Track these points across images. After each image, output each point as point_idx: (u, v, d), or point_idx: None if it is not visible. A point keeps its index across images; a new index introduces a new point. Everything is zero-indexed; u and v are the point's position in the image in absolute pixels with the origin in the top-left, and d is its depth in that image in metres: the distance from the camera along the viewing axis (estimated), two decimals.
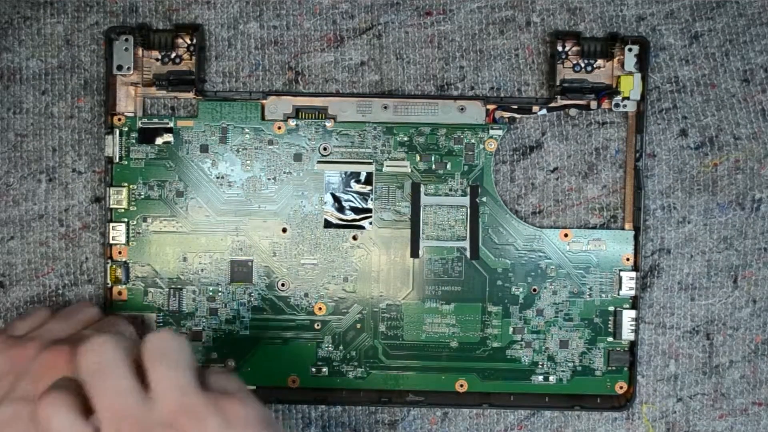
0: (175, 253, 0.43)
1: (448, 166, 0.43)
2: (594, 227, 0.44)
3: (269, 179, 0.43)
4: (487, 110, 0.43)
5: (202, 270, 0.43)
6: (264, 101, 0.43)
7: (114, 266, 0.42)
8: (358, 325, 0.43)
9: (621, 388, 0.43)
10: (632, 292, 0.43)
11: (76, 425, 0.28)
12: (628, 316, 0.42)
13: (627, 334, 0.42)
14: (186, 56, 0.43)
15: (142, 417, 0.28)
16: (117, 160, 0.43)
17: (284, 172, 0.43)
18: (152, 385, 0.29)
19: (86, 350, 0.30)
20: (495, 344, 0.43)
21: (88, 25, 0.43)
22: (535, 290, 0.43)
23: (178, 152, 0.43)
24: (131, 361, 0.30)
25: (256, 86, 0.44)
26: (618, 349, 0.43)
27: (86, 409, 0.29)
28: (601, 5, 0.43)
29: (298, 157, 0.43)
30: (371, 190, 0.43)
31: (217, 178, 0.43)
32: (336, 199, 0.43)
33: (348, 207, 0.43)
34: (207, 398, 0.29)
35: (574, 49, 0.43)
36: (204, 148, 0.43)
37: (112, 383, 0.29)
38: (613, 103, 0.43)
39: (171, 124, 0.43)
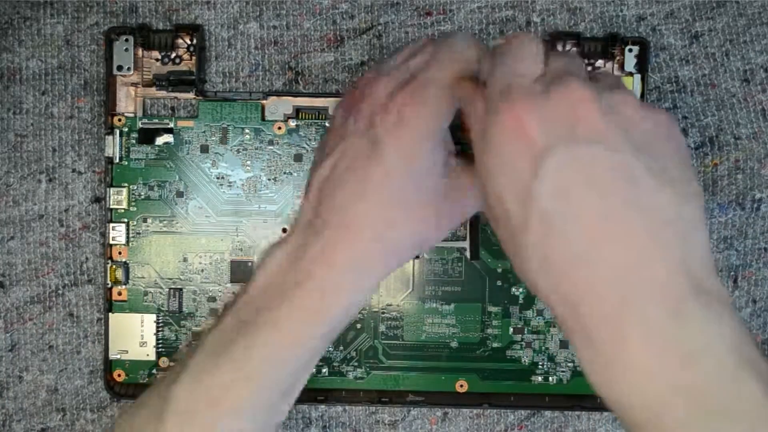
0: (175, 254, 0.43)
1: None
2: None
3: (269, 179, 0.43)
4: None
5: (202, 270, 0.43)
6: (264, 101, 0.43)
7: (114, 266, 0.42)
8: (358, 326, 0.43)
9: None
10: None
11: (534, 55, 0.28)
12: None
13: None
14: (186, 56, 0.43)
15: (564, 74, 0.27)
16: (117, 160, 0.43)
17: (284, 173, 0.43)
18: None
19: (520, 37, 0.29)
20: (495, 344, 0.43)
21: (88, 25, 0.43)
22: None
23: (178, 153, 0.43)
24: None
25: (256, 86, 0.44)
26: None
27: None
28: (601, 5, 0.43)
29: (298, 158, 0.43)
30: None
31: (218, 178, 0.43)
32: None
33: None
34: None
35: (574, 49, 0.42)
36: (204, 149, 0.43)
37: (578, 67, 0.28)
38: None
39: (171, 125, 0.43)
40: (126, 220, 0.43)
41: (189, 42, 0.43)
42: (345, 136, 0.32)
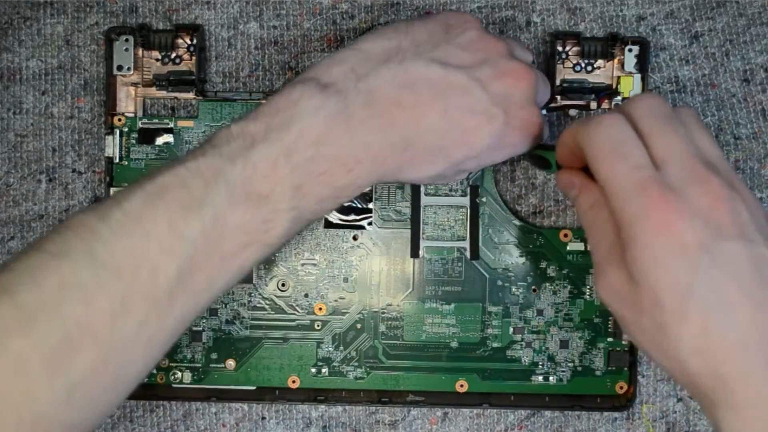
0: None
1: None
2: None
3: None
4: None
5: None
6: (264, 101, 0.43)
7: None
8: (358, 326, 0.43)
9: (621, 388, 0.43)
10: None
11: (631, 137, 0.31)
12: None
13: None
14: (186, 56, 0.43)
15: (704, 164, 0.30)
16: (117, 160, 0.43)
17: None
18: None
19: (650, 96, 0.33)
20: (495, 344, 0.43)
21: (88, 25, 0.43)
22: (535, 290, 0.43)
23: (179, 153, 0.43)
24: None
25: (256, 86, 0.44)
26: (618, 349, 0.43)
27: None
28: (601, 5, 0.43)
29: None
30: (371, 190, 0.43)
31: None
32: None
33: (348, 207, 0.43)
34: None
35: (574, 49, 0.42)
36: None
37: (676, 130, 0.31)
38: (613, 103, 0.43)
39: (171, 125, 0.43)
40: None
41: (189, 42, 0.43)
42: (472, 72, 0.34)
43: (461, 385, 0.43)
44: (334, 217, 0.43)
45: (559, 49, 0.42)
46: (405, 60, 0.32)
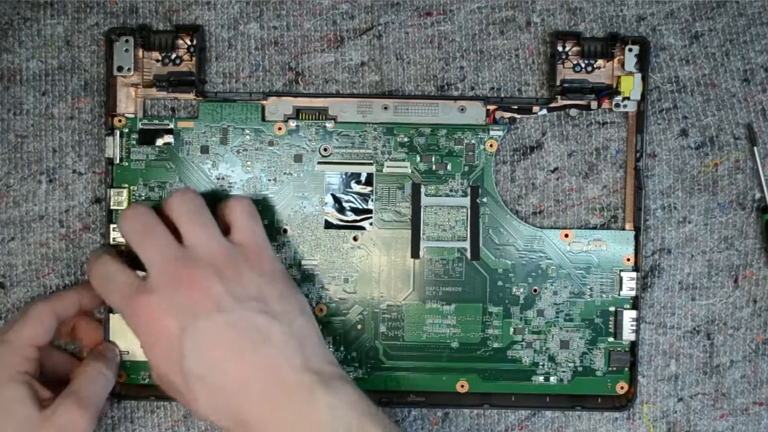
0: None
1: (449, 167, 0.43)
2: (594, 227, 0.44)
3: (269, 180, 0.43)
4: (488, 111, 0.43)
5: None
6: (264, 102, 0.43)
7: None
8: (359, 326, 0.43)
9: (622, 388, 0.43)
10: (633, 293, 0.43)
11: (123, 271, 0.37)
12: (628, 316, 0.43)
13: (628, 334, 0.43)
14: (186, 57, 0.43)
15: (183, 257, 0.36)
16: (117, 161, 0.43)
17: (284, 173, 0.43)
18: (186, 239, 0.37)
19: (126, 216, 0.37)
20: (496, 345, 0.43)
21: (89, 26, 0.43)
22: (535, 291, 0.43)
23: (179, 153, 0.43)
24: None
25: (257, 87, 0.44)
26: (619, 349, 0.43)
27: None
28: (601, 5, 0.43)
29: (298, 158, 0.43)
30: (371, 190, 0.43)
31: (218, 179, 0.43)
32: (336, 199, 0.43)
33: (348, 208, 0.43)
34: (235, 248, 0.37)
35: (575, 49, 0.43)
36: (204, 149, 0.43)
37: (154, 240, 0.36)
38: (614, 103, 0.43)
39: (171, 125, 0.43)
40: None
41: (189, 43, 0.43)
42: None
43: (462, 386, 0.43)
44: (334, 218, 0.43)
45: (559, 49, 0.42)
46: None
